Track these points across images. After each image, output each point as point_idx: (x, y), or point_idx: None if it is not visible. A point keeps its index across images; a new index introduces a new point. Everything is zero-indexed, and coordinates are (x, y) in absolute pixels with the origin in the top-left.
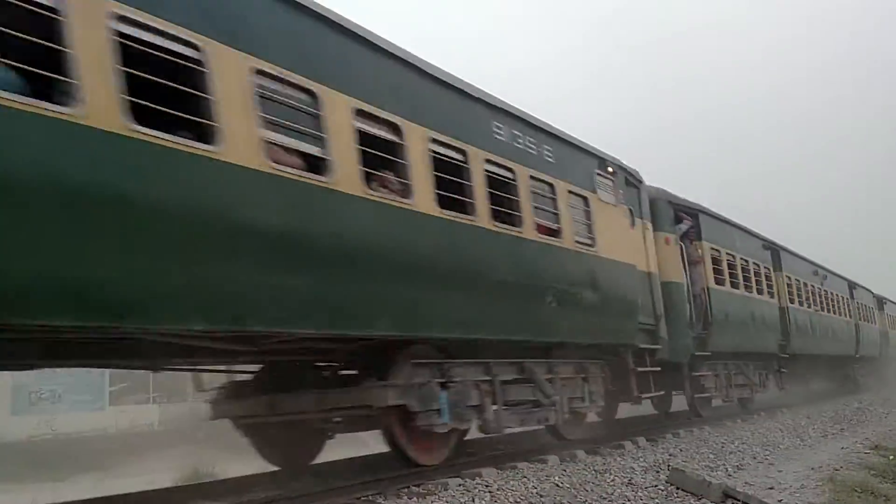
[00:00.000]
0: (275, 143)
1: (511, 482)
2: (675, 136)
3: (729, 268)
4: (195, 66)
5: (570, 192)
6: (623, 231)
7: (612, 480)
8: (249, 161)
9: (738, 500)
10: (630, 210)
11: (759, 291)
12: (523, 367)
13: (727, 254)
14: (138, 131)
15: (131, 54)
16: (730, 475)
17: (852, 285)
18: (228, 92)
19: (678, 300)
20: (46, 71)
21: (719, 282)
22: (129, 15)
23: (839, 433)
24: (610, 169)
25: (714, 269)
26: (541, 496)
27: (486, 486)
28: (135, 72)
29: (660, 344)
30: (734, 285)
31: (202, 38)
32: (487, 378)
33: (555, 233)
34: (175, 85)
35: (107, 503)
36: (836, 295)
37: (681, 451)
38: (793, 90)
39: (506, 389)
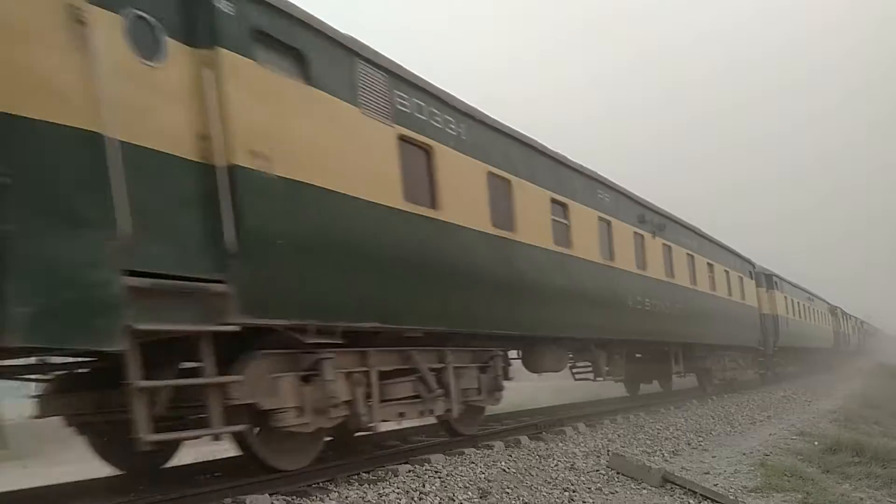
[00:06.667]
0: None
1: (460, 468)
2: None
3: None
4: None
5: None
6: None
7: (556, 465)
8: None
9: (677, 485)
10: None
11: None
12: None
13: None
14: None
15: None
16: (667, 460)
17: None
18: None
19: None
20: None
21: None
22: None
23: (766, 420)
24: None
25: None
26: (489, 481)
27: (436, 471)
28: None
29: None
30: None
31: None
32: None
33: None
34: None
35: None
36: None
37: (619, 436)
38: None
39: None
